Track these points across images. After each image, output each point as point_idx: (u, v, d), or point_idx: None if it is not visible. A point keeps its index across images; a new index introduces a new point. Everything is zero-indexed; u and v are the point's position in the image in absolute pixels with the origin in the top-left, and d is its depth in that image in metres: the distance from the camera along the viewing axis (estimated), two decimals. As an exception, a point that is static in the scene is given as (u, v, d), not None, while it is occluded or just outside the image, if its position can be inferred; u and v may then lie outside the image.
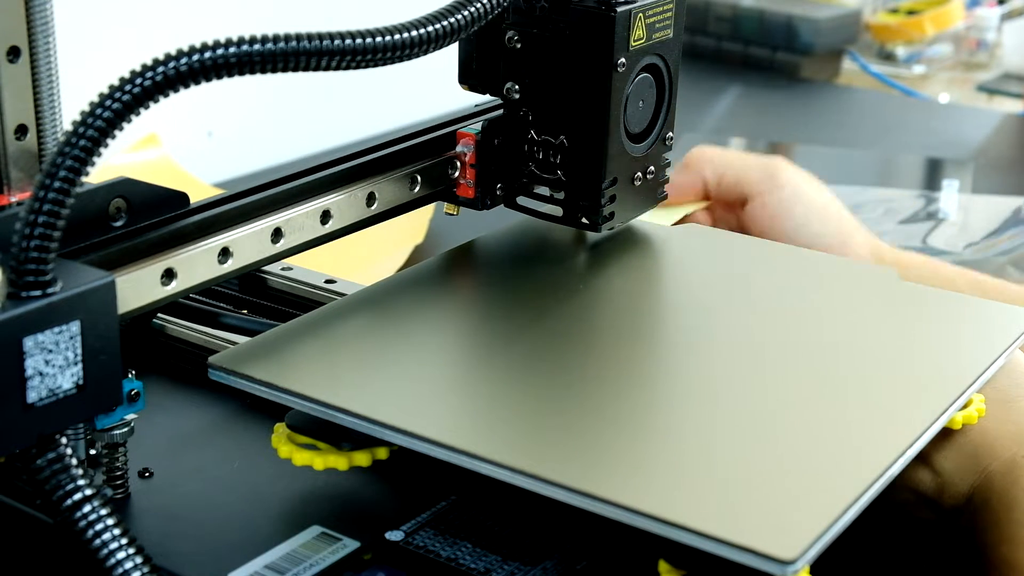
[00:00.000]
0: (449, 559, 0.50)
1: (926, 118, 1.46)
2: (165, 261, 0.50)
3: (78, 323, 0.44)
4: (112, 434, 0.51)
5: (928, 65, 1.68)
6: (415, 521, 0.52)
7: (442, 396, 0.52)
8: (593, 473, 0.46)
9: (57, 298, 0.43)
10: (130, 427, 0.52)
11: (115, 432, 0.51)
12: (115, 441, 0.52)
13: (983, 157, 1.30)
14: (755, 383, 0.54)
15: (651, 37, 0.61)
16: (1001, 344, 0.57)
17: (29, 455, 0.44)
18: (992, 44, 1.72)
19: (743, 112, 1.47)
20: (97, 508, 0.44)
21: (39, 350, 0.43)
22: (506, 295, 0.61)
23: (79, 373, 0.44)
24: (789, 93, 1.53)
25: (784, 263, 0.66)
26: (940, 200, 1.16)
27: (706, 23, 1.64)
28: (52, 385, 0.44)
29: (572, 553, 0.51)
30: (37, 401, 0.43)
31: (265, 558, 0.50)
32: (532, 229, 0.67)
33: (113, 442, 0.52)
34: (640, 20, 0.59)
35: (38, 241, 0.42)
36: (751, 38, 1.61)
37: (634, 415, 0.51)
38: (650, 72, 0.62)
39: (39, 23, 0.52)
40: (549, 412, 0.51)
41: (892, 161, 1.30)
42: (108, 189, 0.50)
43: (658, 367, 0.55)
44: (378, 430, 0.49)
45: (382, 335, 0.56)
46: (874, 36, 1.70)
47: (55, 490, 0.44)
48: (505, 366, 0.54)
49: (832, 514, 0.44)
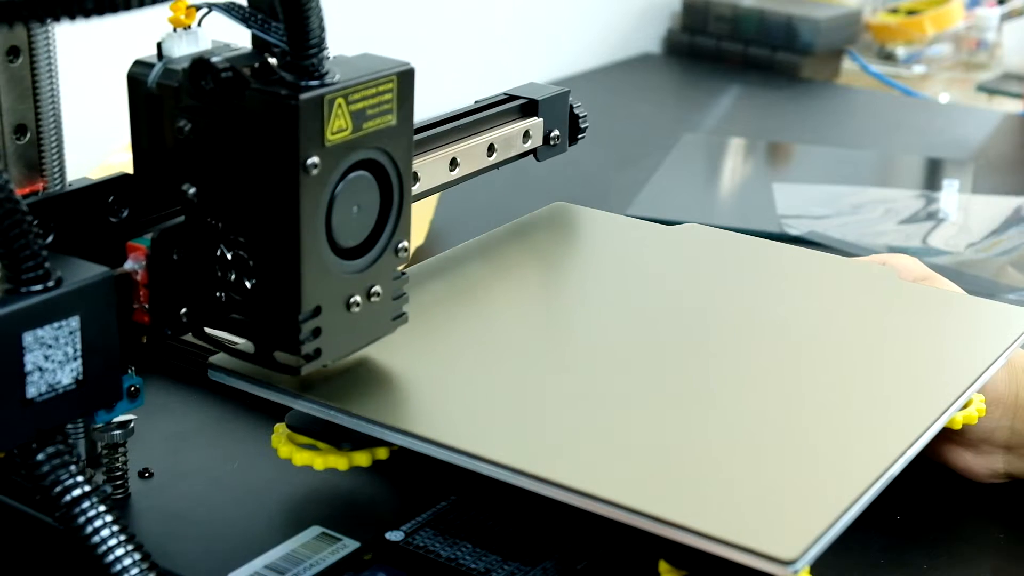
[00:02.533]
0: (449, 559, 0.50)
1: (926, 118, 1.46)
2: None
3: (78, 318, 0.44)
4: (112, 434, 0.51)
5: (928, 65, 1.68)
6: (415, 521, 0.52)
7: (441, 396, 0.52)
8: (594, 473, 0.46)
9: (56, 293, 0.43)
10: (130, 427, 0.52)
11: (115, 432, 0.51)
12: (115, 441, 0.52)
13: (983, 157, 1.30)
14: (756, 384, 0.54)
15: (361, 127, 0.47)
16: (1001, 344, 0.58)
17: (28, 450, 0.44)
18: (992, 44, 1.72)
19: (743, 112, 1.46)
20: (96, 504, 0.44)
21: (38, 345, 0.43)
22: (504, 295, 0.61)
23: (79, 368, 0.44)
24: (789, 93, 1.53)
25: (785, 263, 0.66)
26: (940, 200, 1.16)
27: (706, 23, 1.64)
28: (52, 380, 0.43)
29: (572, 553, 0.51)
30: (36, 396, 0.43)
31: (265, 558, 0.50)
32: (529, 226, 0.67)
33: (113, 442, 0.52)
34: (340, 107, 0.46)
35: None
36: (751, 38, 1.61)
37: (635, 416, 0.51)
38: (367, 169, 0.49)
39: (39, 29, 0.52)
40: (549, 412, 0.51)
41: (892, 161, 1.30)
42: (108, 184, 0.50)
43: (660, 368, 0.55)
44: (377, 430, 0.49)
45: None
46: (874, 36, 1.70)
47: (54, 486, 0.44)
48: (506, 366, 0.54)
49: (832, 515, 0.44)
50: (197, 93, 0.46)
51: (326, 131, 0.46)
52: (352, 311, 0.50)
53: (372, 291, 0.51)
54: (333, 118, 0.46)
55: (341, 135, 0.47)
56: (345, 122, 0.47)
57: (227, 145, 0.47)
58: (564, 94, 0.68)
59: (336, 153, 0.47)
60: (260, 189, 0.47)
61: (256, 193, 0.47)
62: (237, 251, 0.48)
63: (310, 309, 0.48)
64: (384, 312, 0.52)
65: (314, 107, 0.45)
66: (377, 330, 0.52)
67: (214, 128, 0.47)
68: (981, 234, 1.07)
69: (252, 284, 0.48)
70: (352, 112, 0.47)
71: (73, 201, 0.49)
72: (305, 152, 0.46)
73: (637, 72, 1.61)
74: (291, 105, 0.45)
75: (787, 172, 1.27)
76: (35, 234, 0.43)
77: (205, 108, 0.47)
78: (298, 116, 0.45)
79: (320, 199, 0.47)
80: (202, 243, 0.49)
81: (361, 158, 0.48)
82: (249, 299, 0.49)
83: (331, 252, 0.48)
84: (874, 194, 1.16)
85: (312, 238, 0.47)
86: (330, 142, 0.46)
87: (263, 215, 0.47)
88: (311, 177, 0.46)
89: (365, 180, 0.49)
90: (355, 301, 0.50)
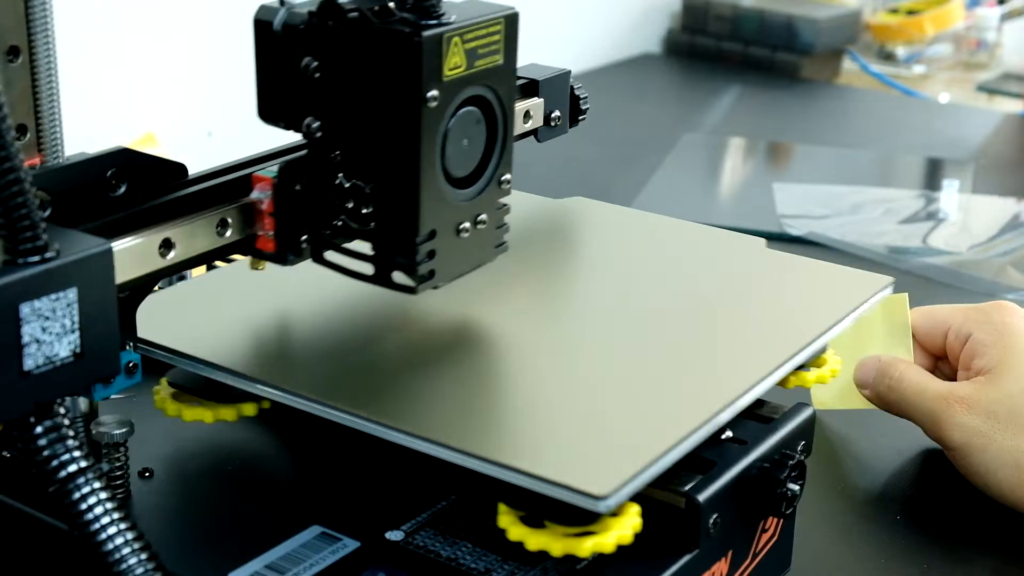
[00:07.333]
0: (449, 559, 0.50)
1: (926, 118, 1.46)
2: (164, 231, 0.50)
3: (75, 290, 0.43)
4: (112, 434, 0.51)
5: (928, 65, 1.68)
6: (415, 521, 0.52)
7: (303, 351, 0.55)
8: (425, 417, 0.50)
9: (54, 264, 0.43)
10: (130, 427, 0.52)
11: (115, 432, 0.51)
12: (115, 441, 0.52)
13: (983, 157, 1.30)
14: (605, 343, 0.57)
15: (473, 65, 0.51)
16: (848, 305, 0.60)
17: (26, 424, 0.44)
18: (992, 44, 1.72)
19: (743, 112, 1.47)
20: (91, 480, 0.44)
21: (36, 316, 0.42)
22: None
23: (76, 341, 0.44)
24: (789, 93, 1.53)
25: (665, 233, 0.69)
26: (940, 200, 1.16)
27: (706, 23, 1.64)
28: (49, 352, 0.43)
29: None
30: (34, 368, 0.43)
31: (265, 558, 0.50)
32: None
33: (113, 442, 0.52)
34: (456, 45, 0.50)
35: None
36: (751, 38, 1.61)
37: (482, 372, 0.54)
38: (476, 105, 0.53)
39: (39, 23, 0.52)
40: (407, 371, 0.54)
41: (892, 161, 1.30)
42: (107, 158, 0.50)
43: (510, 326, 0.58)
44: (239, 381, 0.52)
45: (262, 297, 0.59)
46: (874, 36, 1.70)
47: (49, 460, 0.44)
48: (367, 327, 0.57)
49: (648, 457, 0.47)
50: (325, 32, 0.50)
51: (443, 67, 0.50)
52: (461, 236, 0.54)
53: (479, 219, 0.55)
54: (450, 55, 0.50)
55: (456, 71, 0.51)
56: (460, 59, 0.51)
57: (352, 81, 0.50)
58: (565, 74, 0.69)
59: (451, 88, 0.51)
60: (382, 121, 0.50)
61: (378, 125, 0.51)
62: (356, 180, 0.52)
63: (427, 232, 0.52)
64: (489, 239, 0.56)
65: (435, 44, 0.49)
66: (482, 256, 0.56)
67: (340, 65, 0.50)
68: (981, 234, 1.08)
69: (371, 211, 0.52)
70: (466, 50, 0.51)
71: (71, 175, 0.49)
72: (426, 86, 0.49)
73: (637, 72, 1.61)
74: (415, 42, 0.49)
75: (787, 172, 1.27)
76: (36, 205, 0.42)
77: (332, 46, 0.50)
78: (421, 52, 0.49)
79: (437, 130, 0.51)
80: (323, 174, 0.52)
81: (472, 94, 0.52)
82: (367, 225, 0.52)
83: (445, 180, 0.52)
84: (874, 194, 1.16)
85: (429, 166, 0.51)
86: (447, 78, 0.50)
87: (385, 145, 0.51)
88: (430, 110, 0.50)
89: (474, 115, 0.53)
90: (464, 227, 0.54)
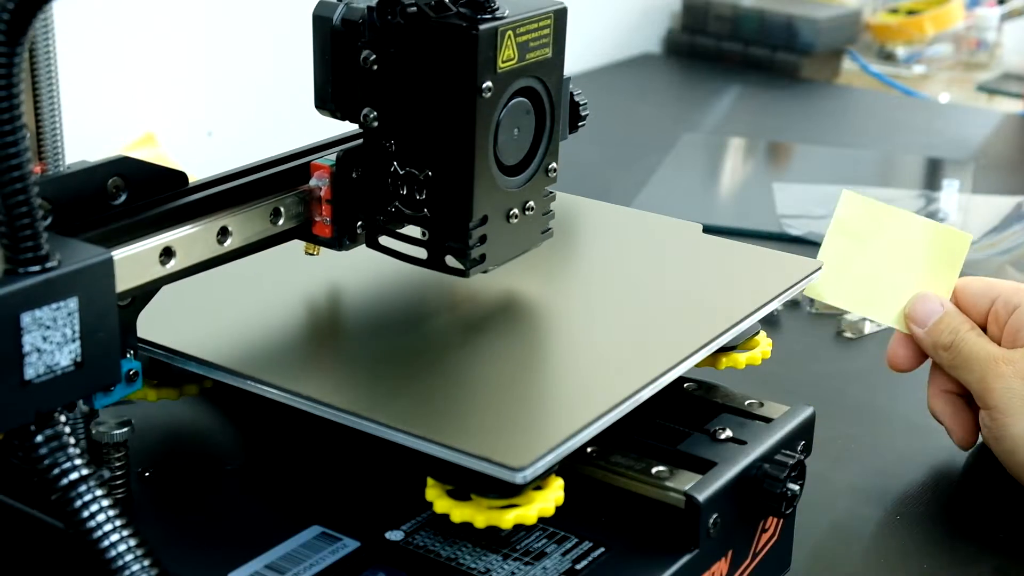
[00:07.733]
0: (449, 559, 0.50)
1: (926, 118, 1.46)
2: (164, 239, 0.50)
3: (76, 299, 0.44)
4: (112, 434, 0.51)
5: (928, 65, 1.68)
6: (415, 521, 0.52)
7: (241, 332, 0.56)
8: (356, 395, 0.51)
9: (55, 274, 0.43)
10: (130, 427, 0.52)
11: (115, 432, 0.51)
12: (115, 441, 0.52)
13: (983, 157, 1.30)
14: (541, 327, 0.59)
15: (524, 57, 0.54)
16: (777, 288, 0.61)
17: (27, 433, 0.44)
18: (992, 44, 1.72)
19: (743, 112, 1.46)
20: (93, 488, 0.44)
21: (37, 326, 0.43)
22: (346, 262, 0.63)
23: (77, 350, 0.44)
24: (789, 93, 1.53)
25: (596, 218, 0.71)
26: (940, 200, 1.16)
27: (706, 23, 1.64)
28: (50, 362, 0.43)
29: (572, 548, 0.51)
30: (35, 378, 0.43)
31: (265, 558, 0.50)
32: None
33: (113, 442, 0.52)
34: (510, 38, 0.53)
35: None
36: (751, 38, 1.61)
37: (418, 355, 0.55)
38: (526, 96, 0.55)
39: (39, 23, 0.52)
40: (350, 354, 0.56)
41: (892, 161, 1.30)
42: (107, 167, 0.50)
43: (444, 306, 0.59)
44: (181, 362, 0.53)
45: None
46: (874, 36, 1.70)
47: (51, 468, 0.44)
48: (310, 311, 0.59)
49: (566, 432, 0.48)
50: (384, 27, 0.53)
51: (498, 59, 0.53)
52: (511, 222, 0.56)
53: (527, 206, 0.57)
54: (504, 48, 0.53)
55: (509, 64, 0.53)
56: (513, 52, 0.53)
57: (409, 72, 0.53)
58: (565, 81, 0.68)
59: (504, 79, 0.53)
60: (438, 111, 0.53)
61: (434, 115, 0.53)
62: (410, 168, 0.54)
63: (479, 217, 0.54)
64: (536, 225, 0.58)
65: (490, 37, 0.52)
66: (529, 241, 0.58)
67: (398, 58, 0.53)
68: (981, 234, 1.08)
69: (424, 197, 0.54)
70: (518, 43, 0.53)
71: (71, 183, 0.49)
72: (481, 77, 0.52)
73: (637, 72, 1.61)
74: (472, 35, 0.51)
75: (787, 172, 1.27)
76: (39, 215, 0.42)
77: (390, 40, 0.53)
78: (477, 45, 0.51)
79: (490, 119, 0.53)
80: (378, 162, 0.55)
81: (523, 86, 0.55)
82: (420, 211, 0.55)
83: (496, 168, 0.55)
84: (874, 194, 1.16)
85: (483, 153, 0.54)
86: (501, 69, 0.53)
87: (440, 134, 0.53)
88: (484, 100, 0.53)
89: (524, 106, 0.55)
90: (513, 213, 0.56)
